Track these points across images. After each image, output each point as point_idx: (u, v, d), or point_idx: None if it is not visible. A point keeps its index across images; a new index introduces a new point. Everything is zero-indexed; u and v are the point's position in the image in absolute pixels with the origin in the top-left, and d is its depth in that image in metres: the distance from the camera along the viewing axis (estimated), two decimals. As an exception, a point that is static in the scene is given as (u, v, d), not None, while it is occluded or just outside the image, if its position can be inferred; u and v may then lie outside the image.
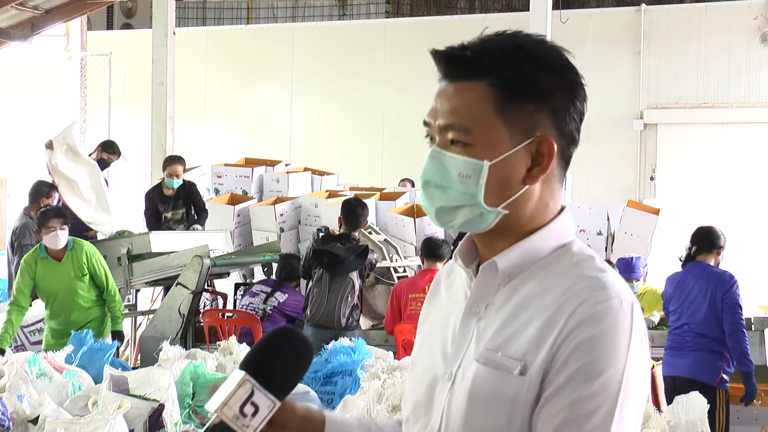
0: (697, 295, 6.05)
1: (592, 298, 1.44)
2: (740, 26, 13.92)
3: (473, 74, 1.50)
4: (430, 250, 7.25)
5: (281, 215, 9.53)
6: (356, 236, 7.42)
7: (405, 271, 8.65)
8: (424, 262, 7.42)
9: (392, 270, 8.49)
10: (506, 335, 1.49)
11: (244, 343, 5.95)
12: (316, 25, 17.22)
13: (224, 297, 8.90)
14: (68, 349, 5.51)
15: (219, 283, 9.31)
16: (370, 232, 8.81)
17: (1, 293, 9.30)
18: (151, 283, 8.71)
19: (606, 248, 9.51)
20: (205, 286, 8.12)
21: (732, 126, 13.94)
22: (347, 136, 15.53)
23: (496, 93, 1.49)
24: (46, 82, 14.09)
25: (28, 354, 5.21)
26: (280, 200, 9.81)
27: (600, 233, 9.51)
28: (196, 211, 9.37)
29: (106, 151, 10.01)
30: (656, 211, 9.62)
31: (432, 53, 1.53)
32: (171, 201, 9.36)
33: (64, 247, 7.02)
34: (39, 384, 4.78)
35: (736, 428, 6.39)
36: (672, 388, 5.68)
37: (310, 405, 1.64)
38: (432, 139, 1.55)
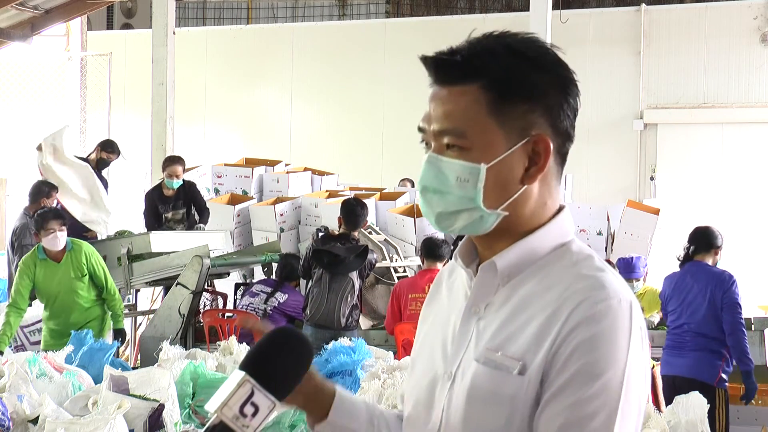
0: (697, 294, 6.05)
1: (591, 298, 1.44)
2: (740, 26, 13.92)
3: (464, 78, 1.50)
4: (430, 250, 7.25)
5: (281, 215, 9.53)
6: (356, 236, 7.42)
7: (405, 271, 8.64)
8: (424, 262, 7.42)
9: (392, 270, 8.49)
10: (505, 335, 1.49)
11: (244, 343, 5.95)
12: (316, 25, 17.22)
13: (224, 297, 8.89)
14: (68, 349, 5.50)
15: (219, 283, 9.31)
16: (370, 232, 8.81)
17: (1, 293, 9.29)
18: (151, 283, 8.71)
19: (606, 248, 9.50)
20: (205, 286, 8.12)
21: (732, 126, 13.94)
22: (347, 136, 15.53)
23: (488, 95, 1.49)
24: (46, 82, 14.09)
25: (28, 354, 5.21)
26: (280, 200, 9.81)
27: (600, 233, 9.51)
28: (197, 210, 9.36)
29: (106, 151, 10.00)
30: (656, 211, 9.62)
31: (422, 59, 1.53)
32: (171, 201, 9.35)
33: (63, 248, 7.02)
34: (39, 384, 4.77)
35: (736, 428, 6.39)
36: (671, 388, 5.68)
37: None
38: (428, 145, 1.55)
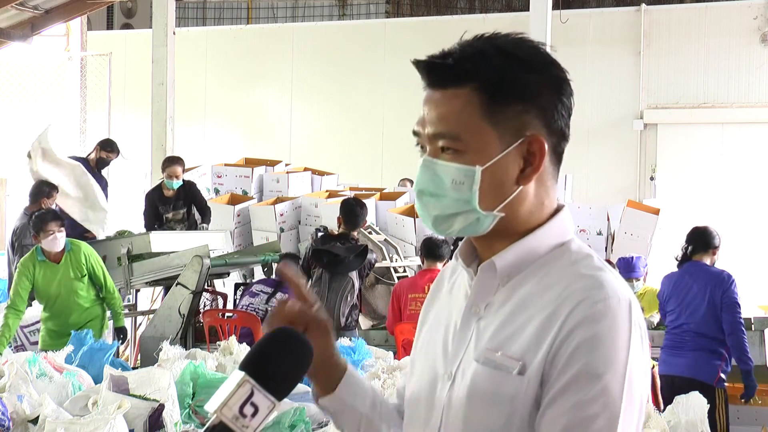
0: (696, 294, 6.05)
1: (590, 297, 1.44)
2: (740, 26, 13.92)
3: (457, 81, 1.50)
4: (430, 250, 7.24)
5: (281, 215, 9.53)
6: (355, 236, 7.42)
7: (405, 271, 8.64)
8: (424, 262, 7.42)
9: (392, 270, 8.49)
10: (505, 335, 1.49)
11: (244, 343, 5.94)
12: (316, 25, 17.22)
13: (224, 297, 8.89)
14: (68, 349, 5.50)
15: (219, 283, 9.31)
16: (370, 232, 8.81)
17: (1, 293, 9.29)
18: (151, 283, 8.71)
19: (606, 248, 9.51)
20: (205, 286, 8.11)
21: (732, 126, 13.94)
22: (347, 136, 15.52)
23: (481, 97, 1.49)
24: (46, 82, 14.09)
25: (28, 354, 5.21)
26: (280, 200, 9.81)
27: (600, 233, 9.51)
28: (199, 210, 9.36)
29: (105, 150, 9.98)
30: (656, 211, 9.62)
31: (414, 63, 1.53)
32: (171, 202, 9.35)
33: (62, 249, 7.04)
34: (39, 384, 4.77)
35: (736, 428, 6.39)
36: (670, 388, 5.68)
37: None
38: (423, 148, 1.55)
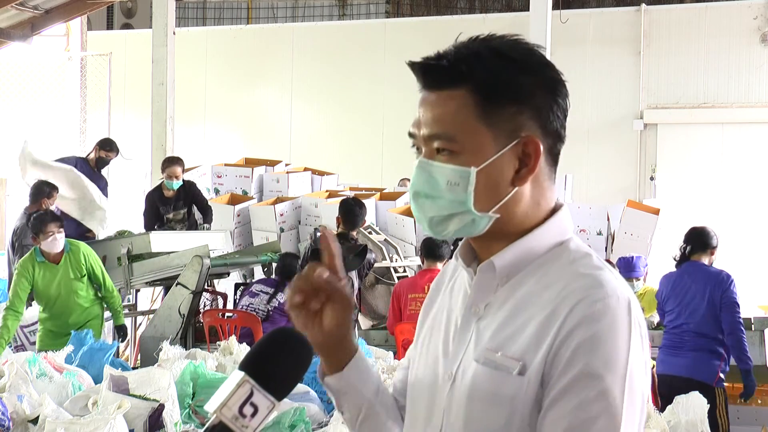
0: (695, 294, 6.05)
1: (589, 297, 1.44)
2: (740, 26, 13.91)
3: (452, 82, 1.51)
4: (430, 250, 7.24)
5: (281, 215, 9.53)
6: (354, 236, 7.41)
7: (405, 271, 8.64)
8: (424, 262, 7.41)
9: (392, 270, 8.49)
10: (505, 335, 1.49)
11: (244, 343, 5.94)
12: (316, 25, 17.22)
13: (224, 297, 8.89)
14: (68, 349, 5.51)
15: (219, 283, 9.31)
16: (370, 232, 8.81)
17: (1, 293, 9.29)
18: (151, 283, 8.71)
19: (606, 248, 9.51)
20: (205, 286, 8.11)
21: (732, 126, 13.94)
22: (347, 136, 15.52)
23: (476, 99, 1.49)
24: (46, 82, 14.08)
25: (28, 354, 5.22)
26: (280, 200, 9.82)
27: (600, 233, 9.51)
28: (200, 209, 9.35)
29: (104, 149, 9.97)
30: (656, 211, 9.62)
31: (409, 65, 1.54)
32: (172, 202, 9.34)
33: (61, 250, 7.05)
34: (39, 384, 4.78)
35: (736, 428, 6.39)
36: (669, 387, 5.67)
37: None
38: (419, 150, 1.56)
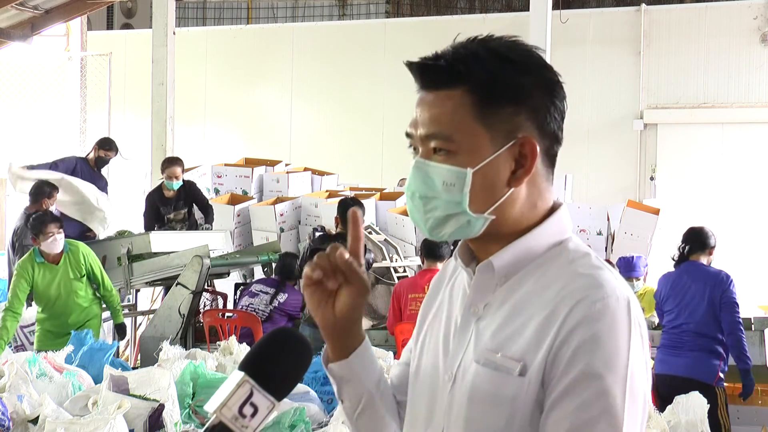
0: (695, 294, 6.05)
1: (589, 297, 1.44)
2: (740, 26, 13.91)
3: (449, 82, 1.51)
4: (430, 250, 7.24)
5: (281, 215, 9.53)
6: (353, 236, 7.40)
7: (405, 271, 8.64)
8: (424, 262, 7.41)
9: (392, 270, 8.49)
10: (505, 335, 1.49)
11: (244, 343, 5.95)
12: (316, 25, 17.22)
13: (224, 297, 8.89)
14: (68, 349, 5.51)
15: (219, 283, 9.31)
16: (370, 232, 8.81)
17: (1, 293, 9.29)
18: (151, 283, 8.71)
19: (606, 248, 9.51)
20: (205, 286, 8.11)
21: (732, 126, 13.93)
22: (347, 136, 15.52)
23: (473, 99, 1.49)
24: (46, 82, 14.08)
25: (28, 354, 5.22)
26: (280, 200, 9.82)
27: (600, 233, 9.51)
28: (201, 209, 9.35)
29: (103, 149, 9.95)
30: (656, 211, 9.62)
31: (407, 65, 1.54)
32: (172, 202, 9.33)
33: (61, 250, 7.06)
34: (39, 384, 4.78)
35: (736, 428, 6.39)
36: (668, 387, 5.67)
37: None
38: (415, 150, 1.56)
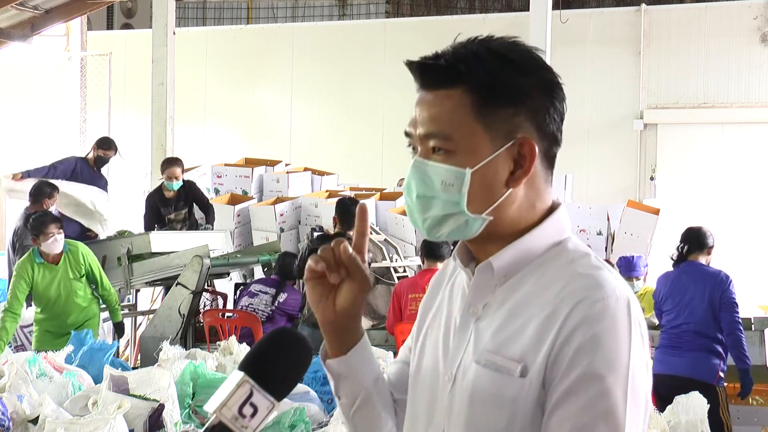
0: (694, 294, 6.05)
1: (589, 297, 1.44)
2: (740, 26, 13.91)
3: (449, 82, 1.51)
4: (431, 250, 7.24)
5: (281, 215, 9.53)
6: (351, 235, 7.41)
7: (405, 271, 8.64)
8: (424, 262, 7.41)
9: (392, 270, 8.49)
10: (505, 336, 1.49)
11: (244, 343, 5.95)
12: (316, 25, 17.22)
13: (224, 297, 8.89)
14: (68, 349, 5.51)
15: (219, 283, 9.31)
16: (370, 232, 8.81)
17: (1, 293, 9.29)
18: (151, 283, 8.71)
19: (606, 248, 9.50)
20: (205, 286, 8.11)
21: (732, 126, 13.93)
22: (347, 136, 15.52)
23: (473, 99, 1.50)
24: (46, 82, 14.07)
25: (28, 354, 5.22)
26: (280, 200, 9.82)
27: (600, 233, 9.51)
28: (202, 209, 9.34)
29: (102, 148, 9.95)
30: (656, 211, 9.62)
31: (407, 64, 1.54)
32: (173, 203, 9.33)
33: (60, 251, 7.07)
34: (39, 384, 4.78)
35: (736, 428, 6.40)
36: (668, 387, 5.66)
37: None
38: (414, 149, 1.56)
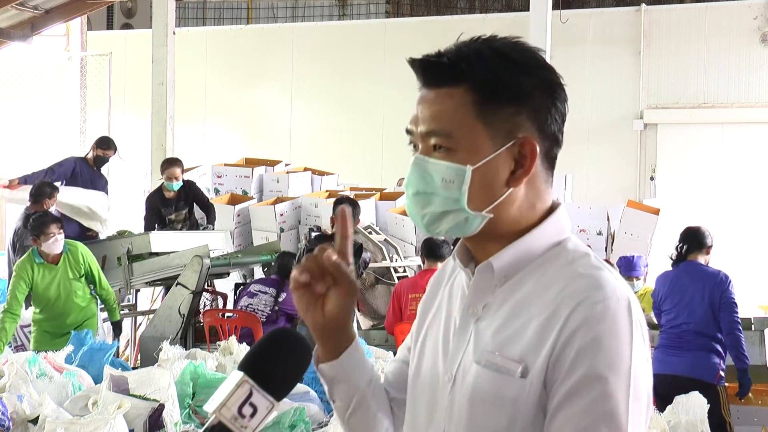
0: (694, 294, 6.06)
1: (590, 298, 1.43)
2: (740, 26, 13.91)
3: (451, 80, 1.51)
4: (431, 250, 7.24)
5: (281, 215, 9.54)
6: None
7: (405, 271, 8.64)
8: (424, 262, 7.41)
9: (392, 270, 8.49)
10: (505, 336, 1.49)
11: (244, 343, 5.94)
12: (316, 25, 17.22)
13: (224, 297, 8.89)
14: (68, 349, 5.51)
15: (219, 283, 9.31)
16: (370, 232, 8.81)
17: (1, 293, 9.29)
18: (151, 283, 8.71)
19: (606, 248, 9.51)
20: (205, 286, 8.11)
21: (732, 126, 13.94)
22: (347, 136, 15.52)
23: (475, 97, 1.50)
24: (46, 82, 14.08)
25: (28, 354, 5.22)
26: (280, 200, 9.82)
27: (600, 233, 9.51)
28: (202, 209, 9.34)
29: (101, 148, 9.94)
30: (656, 211, 9.62)
31: (409, 62, 1.54)
32: (173, 203, 9.33)
33: (61, 251, 7.08)
34: (39, 384, 4.78)
35: (736, 428, 6.40)
36: (668, 387, 5.66)
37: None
38: (415, 147, 1.56)
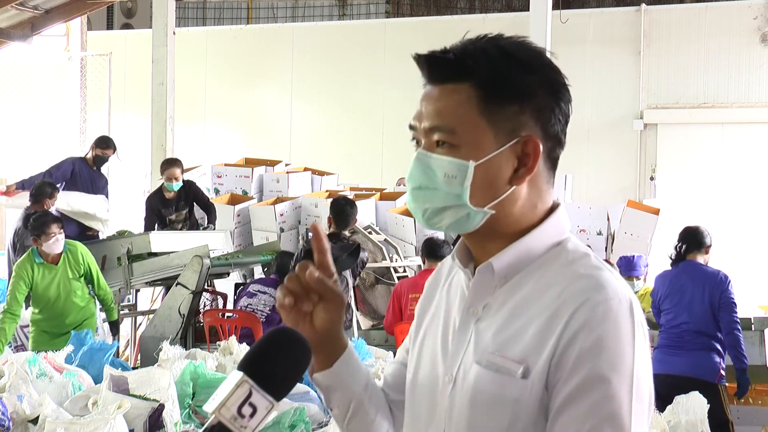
0: (694, 294, 6.06)
1: (591, 300, 1.43)
2: (740, 26, 13.92)
3: (456, 76, 1.51)
4: (431, 250, 7.24)
5: (281, 215, 9.53)
6: (347, 235, 7.41)
7: (405, 271, 8.64)
8: (425, 262, 7.41)
9: (392, 270, 8.49)
10: (506, 337, 1.49)
11: (244, 343, 5.94)
12: (316, 25, 17.22)
13: (224, 297, 8.89)
14: (68, 349, 5.51)
15: (219, 283, 9.31)
16: (370, 232, 8.81)
17: (1, 293, 9.29)
18: (151, 283, 8.71)
19: (606, 248, 9.51)
20: (205, 286, 8.11)
21: (732, 126, 13.94)
22: (347, 136, 15.53)
23: (479, 94, 1.50)
24: (46, 82, 14.08)
25: (28, 354, 5.22)
26: (280, 200, 9.82)
27: (600, 233, 9.51)
28: (203, 209, 9.33)
29: (100, 147, 9.92)
30: (656, 211, 9.62)
31: (415, 58, 1.54)
32: (173, 203, 9.33)
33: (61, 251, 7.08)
34: (39, 384, 4.77)
35: (736, 428, 6.40)
36: (669, 387, 5.66)
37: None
38: (418, 143, 1.56)
